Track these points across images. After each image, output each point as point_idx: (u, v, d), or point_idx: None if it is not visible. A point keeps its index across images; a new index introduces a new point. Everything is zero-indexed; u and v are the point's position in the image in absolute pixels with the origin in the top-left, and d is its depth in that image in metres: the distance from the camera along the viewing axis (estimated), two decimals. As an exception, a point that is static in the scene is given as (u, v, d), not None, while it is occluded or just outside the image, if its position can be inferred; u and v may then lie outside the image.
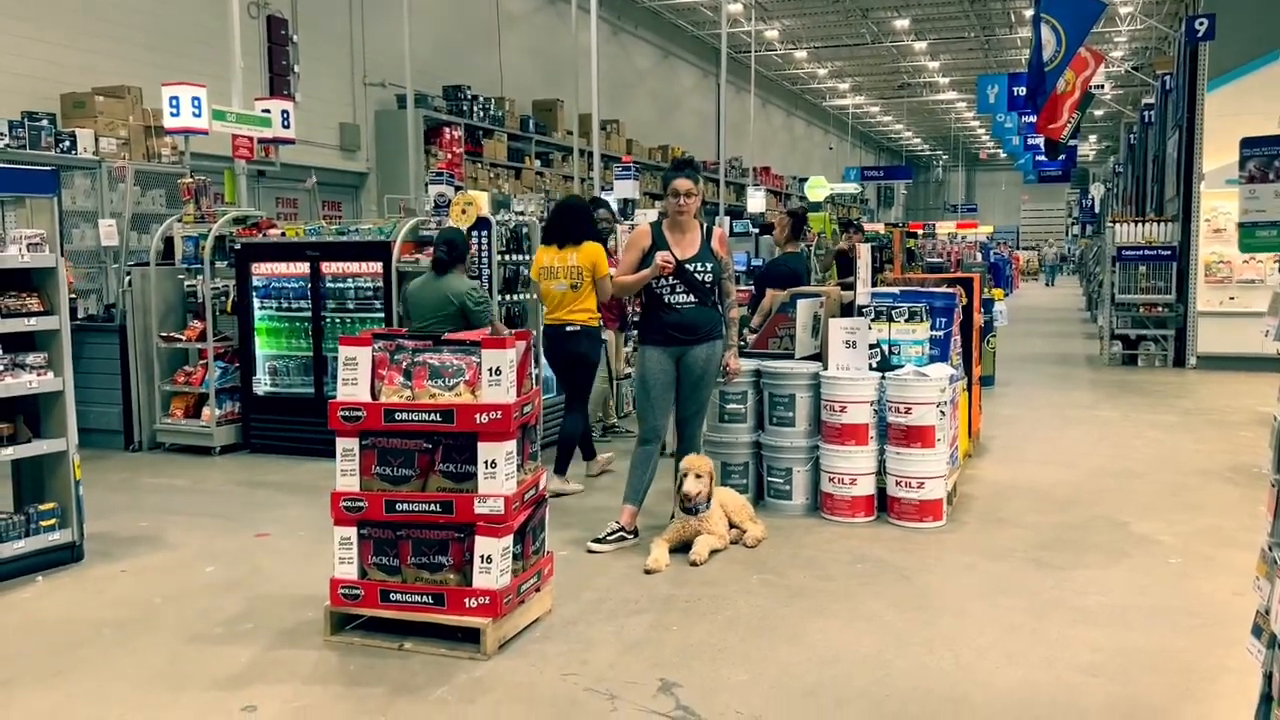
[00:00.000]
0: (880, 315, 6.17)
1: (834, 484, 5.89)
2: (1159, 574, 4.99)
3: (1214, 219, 12.32)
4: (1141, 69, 24.24)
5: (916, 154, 57.63)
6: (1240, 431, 8.49)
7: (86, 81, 10.64)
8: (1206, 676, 3.82)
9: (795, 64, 33.47)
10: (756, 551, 5.34)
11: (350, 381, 4.12)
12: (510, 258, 7.44)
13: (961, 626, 4.30)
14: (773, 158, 34.45)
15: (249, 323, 7.98)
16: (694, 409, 5.56)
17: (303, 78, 13.95)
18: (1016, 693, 3.68)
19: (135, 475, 7.37)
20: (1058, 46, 11.85)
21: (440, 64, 16.79)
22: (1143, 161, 18.78)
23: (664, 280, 5.29)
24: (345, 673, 3.91)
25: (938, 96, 39.53)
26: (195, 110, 8.62)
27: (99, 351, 8.14)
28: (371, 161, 16.01)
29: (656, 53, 26.83)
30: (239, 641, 4.21)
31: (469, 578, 4.03)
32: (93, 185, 9.88)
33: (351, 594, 4.13)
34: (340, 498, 4.10)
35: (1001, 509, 6.17)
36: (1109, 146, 43.55)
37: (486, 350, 4.06)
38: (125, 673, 3.94)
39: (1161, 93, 16.26)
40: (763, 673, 3.85)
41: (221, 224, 8.10)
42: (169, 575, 5.10)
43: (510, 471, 4.04)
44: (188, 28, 12.25)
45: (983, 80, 22.08)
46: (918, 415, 5.72)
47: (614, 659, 3.97)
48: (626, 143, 22.20)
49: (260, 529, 5.88)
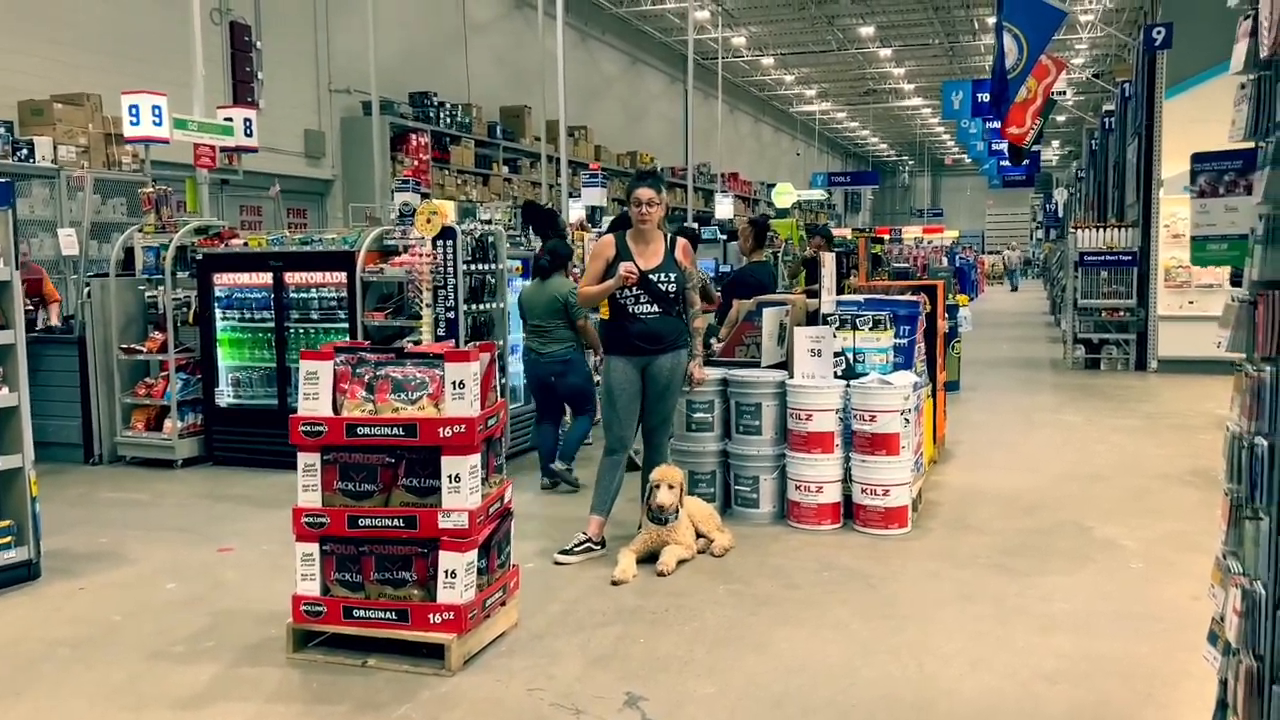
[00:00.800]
0: (845, 323, 6.20)
1: (800, 492, 5.91)
2: (1122, 579, 5.05)
3: (1173, 224, 12.50)
4: (1102, 76, 24.59)
5: (883, 159, 58.07)
6: (1200, 435, 8.61)
7: (45, 89, 10.49)
8: (1168, 682, 3.87)
9: (762, 70, 33.65)
10: (724, 561, 5.34)
11: (311, 396, 4.08)
12: (477, 266, 7.40)
13: (927, 634, 4.33)
14: (741, 164, 34.59)
15: (211, 334, 7.89)
16: (660, 419, 5.56)
17: (267, 85, 13.80)
18: (981, 700, 3.70)
19: (95, 489, 7.26)
20: (1020, 54, 11.96)
21: (407, 70, 16.72)
22: (1104, 167, 19.03)
23: (628, 291, 5.28)
24: (308, 690, 3.86)
25: (903, 102, 39.87)
26: (156, 119, 8.53)
27: (58, 364, 8.02)
28: (337, 169, 15.90)
29: (624, 59, 26.86)
30: (200, 659, 4.15)
31: (433, 593, 3.99)
32: (51, 194, 9.74)
33: (314, 611, 4.08)
34: (302, 513, 4.06)
35: (967, 515, 6.21)
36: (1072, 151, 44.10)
37: (450, 363, 4.03)
38: (83, 692, 3.87)
39: (1121, 100, 16.49)
40: (729, 684, 3.85)
41: (183, 234, 8.00)
42: (129, 592, 5.02)
43: (474, 485, 4.01)
44: (149, 35, 12.11)
45: (947, 86, 22.30)
46: (882, 423, 5.75)
47: (580, 672, 3.96)
48: (595, 149, 22.21)
49: (223, 543, 5.80)
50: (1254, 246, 2.52)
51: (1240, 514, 2.65)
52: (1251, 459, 2.51)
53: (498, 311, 7.65)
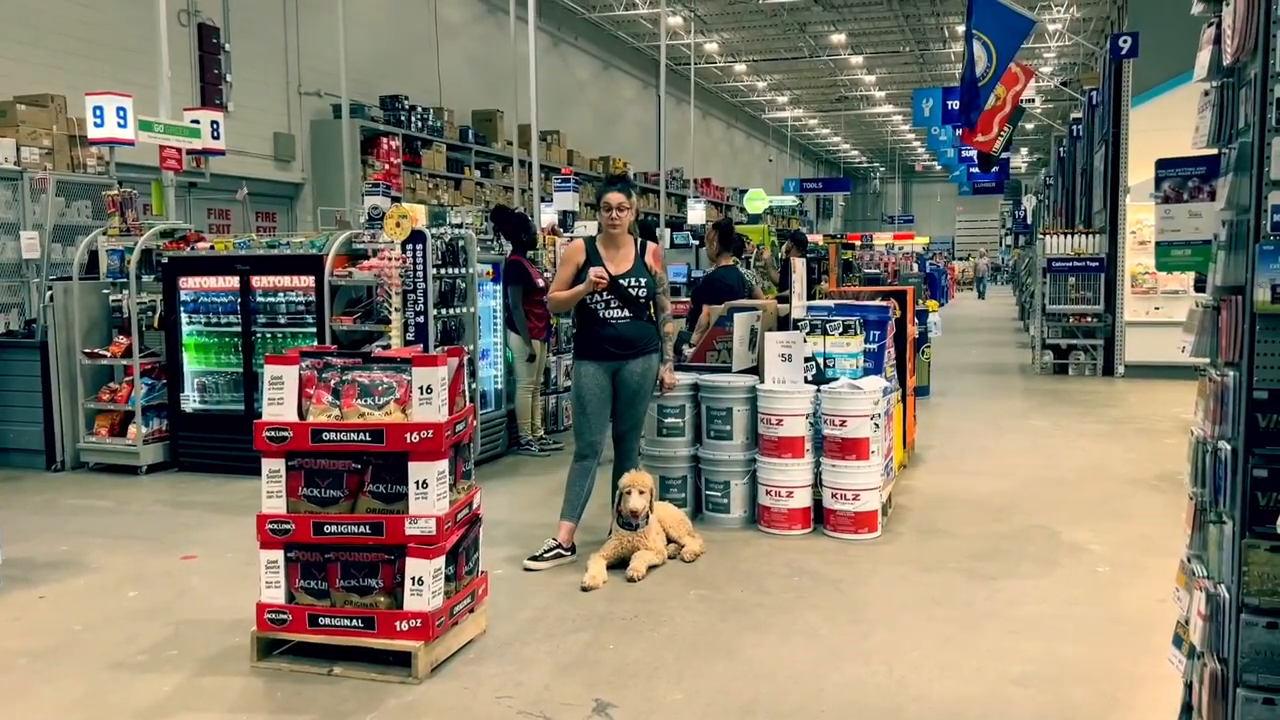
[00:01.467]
0: (815, 328, 6.21)
1: (771, 497, 5.91)
2: (1089, 583, 5.08)
3: (1139, 231, 12.65)
4: (1070, 84, 24.86)
5: (854, 166, 58.44)
6: (1166, 439, 8.70)
7: (8, 89, 10.32)
8: (1135, 685, 3.89)
9: (735, 76, 33.77)
10: (694, 566, 5.33)
11: (276, 401, 4.02)
12: (447, 270, 7.35)
13: (896, 639, 4.33)
14: (713, 169, 34.68)
15: (177, 338, 7.78)
16: (631, 423, 5.54)
17: (235, 87, 13.72)
18: (950, 704, 3.71)
19: (57, 496, 7.14)
20: (989, 62, 12.08)
21: (377, 73, 16.62)
22: (1072, 174, 19.23)
23: (598, 295, 5.27)
24: (273, 700, 3.80)
25: (874, 110, 40.15)
26: (120, 120, 8.42)
27: (19, 369, 7.89)
28: (307, 172, 15.78)
29: (597, 64, 26.86)
30: (163, 669, 4.08)
31: (400, 600, 3.95)
32: (14, 196, 9.57)
33: (279, 619, 4.03)
34: (266, 520, 4.01)
35: (936, 520, 6.24)
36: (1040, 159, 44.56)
37: (417, 368, 3.99)
38: (43, 704, 3.80)
39: (1089, 107, 16.68)
40: (699, 690, 3.83)
41: (148, 237, 7.90)
42: (90, 601, 4.94)
43: (442, 491, 3.98)
44: (115, 35, 11.96)
45: (918, 94, 22.46)
46: (852, 428, 5.76)
47: (549, 680, 3.93)
48: (567, 154, 22.18)
49: (187, 551, 5.72)
50: (1217, 252, 2.54)
51: (1204, 518, 2.67)
52: (1215, 463, 2.53)
53: (468, 316, 7.60)
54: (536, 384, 8.47)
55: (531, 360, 8.29)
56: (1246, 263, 2.37)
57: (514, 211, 9.02)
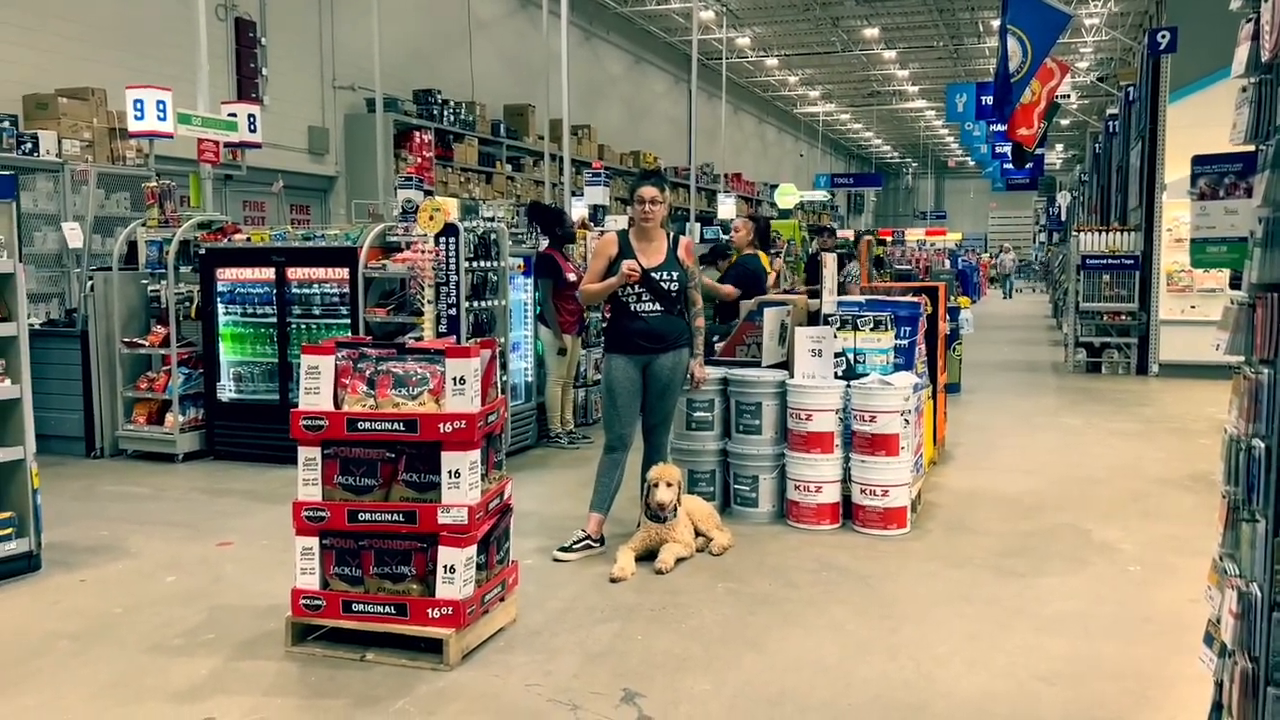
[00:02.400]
0: (846, 324, 6.21)
1: (800, 492, 5.92)
2: (1119, 582, 5.05)
3: (1175, 229, 12.49)
4: (1106, 80, 24.57)
5: (886, 161, 58.03)
6: (1200, 439, 8.61)
7: (49, 82, 10.50)
8: (1163, 684, 3.87)
9: (766, 71, 33.63)
10: (722, 559, 5.35)
11: (312, 390, 4.09)
12: (479, 264, 7.41)
13: (924, 635, 4.33)
14: (744, 164, 34.57)
15: (213, 328, 7.90)
16: (660, 417, 5.57)
17: (271, 80, 13.85)
18: (977, 701, 3.71)
19: (96, 482, 7.27)
20: (1024, 57, 11.97)
21: (410, 67, 16.72)
22: (1107, 171, 19.02)
23: (630, 289, 5.30)
24: (306, 684, 3.87)
25: (907, 105, 39.84)
26: (160, 114, 8.54)
27: (60, 357, 8.03)
28: (340, 165, 15.91)
29: (628, 58, 26.86)
30: (199, 652, 4.17)
31: (432, 588, 4.01)
32: (55, 188, 9.76)
33: (313, 605, 4.09)
34: (302, 507, 4.07)
35: (966, 517, 6.22)
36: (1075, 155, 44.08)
37: (451, 359, 4.04)
38: (81, 685, 3.88)
39: (1125, 103, 16.48)
40: (726, 682, 3.86)
41: (186, 228, 8.02)
42: (129, 585, 5.04)
43: (474, 481, 4.03)
44: (154, 29, 12.11)
45: (951, 89, 22.28)
46: (882, 423, 5.76)
47: (578, 669, 3.97)
48: (598, 148, 22.20)
49: (223, 538, 5.82)
50: (1253, 249, 2.52)
51: (1238, 516, 2.66)
52: (1249, 461, 2.52)
53: (499, 309, 7.65)
54: (567, 378, 8.52)
55: (562, 354, 8.34)
56: (1283, 260, 2.37)
57: (550, 207, 9.09)
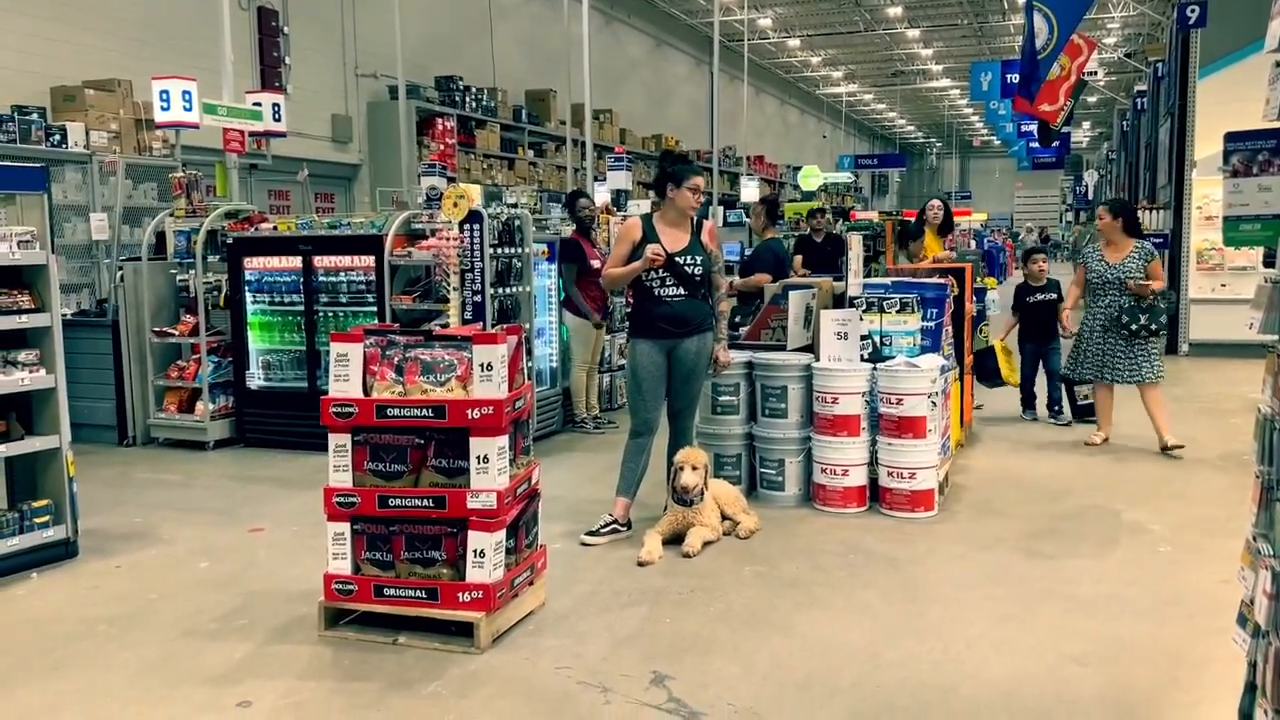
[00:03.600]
0: (872, 306, 6.19)
1: (826, 475, 5.92)
2: (1149, 563, 5.02)
3: (1205, 206, 12.34)
4: (1134, 56, 24.25)
5: (910, 141, 57.58)
6: (1231, 419, 8.52)
7: (76, 75, 10.60)
8: (1194, 665, 3.86)
9: (788, 52, 33.41)
10: (749, 543, 5.36)
11: (342, 378, 4.12)
12: (503, 250, 7.43)
13: (952, 617, 4.33)
14: (766, 146, 34.41)
15: (242, 317, 7.97)
16: (686, 401, 5.58)
17: (294, 69, 13.89)
18: (1006, 683, 3.71)
19: (129, 470, 7.37)
20: (1050, 34, 11.83)
21: (432, 54, 16.74)
22: (1135, 148, 18.81)
23: (654, 273, 5.30)
24: (339, 667, 3.92)
25: (931, 84, 39.48)
26: (186, 104, 8.60)
27: (91, 346, 8.13)
28: (364, 153, 15.97)
29: (649, 42, 26.76)
30: (233, 637, 4.23)
31: (462, 572, 4.04)
32: (84, 179, 9.87)
33: (345, 589, 4.14)
34: (333, 493, 4.12)
35: (993, 499, 6.20)
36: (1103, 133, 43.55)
37: (478, 346, 4.07)
38: (120, 668, 3.96)
39: (1154, 80, 16.28)
40: (755, 664, 3.88)
41: (213, 218, 8.08)
42: (163, 571, 5.11)
43: (503, 466, 4.05)
44: (178, 20, 12.19)
45: (976, 68, 22.09)
46: (909, 406, 5.74)
47: (607, 652, 4.00)
48: (620, 132, 22.16)
49: (254, 524, 5.89)
50: (1286, 227, 2.50)
51: (1271, 496, 2.64)
52: (1282, 441, 2.50)
53: (524, 295, 7.68)
54: (592, 363, 8.54)
55: (595, 330, 8.34)
56: (1317, 238, 2.34)
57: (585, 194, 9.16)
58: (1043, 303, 8.44)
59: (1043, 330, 8.41)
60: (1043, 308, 8.42)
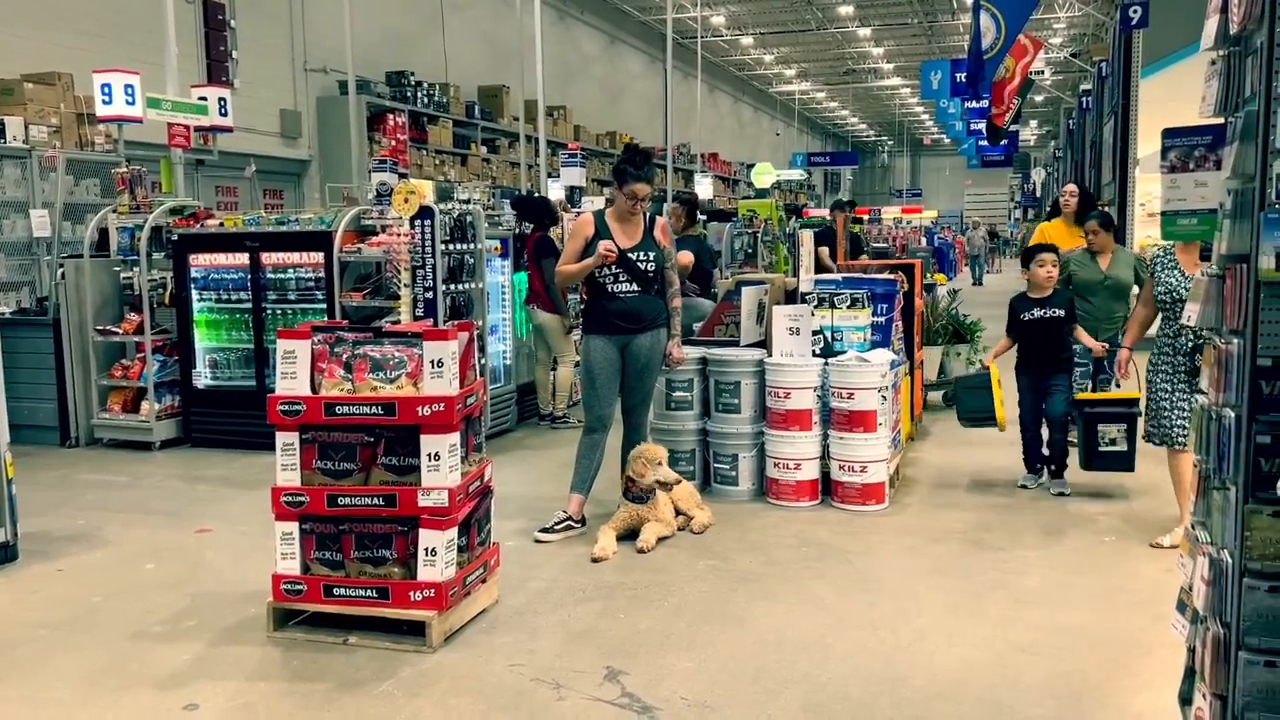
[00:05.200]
0: (823, 302, 6.23)
1: (779, 469, 5.95)
2: (1095, 553, 5.12)
3: (1148, 203, 12.61)
4: (1079, 55, 24.66)
5: (862, 140, 58.13)
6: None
7: (15, 68, 10.33)
8: (1140, 651, 3.93)
9: (742, 50, 33.56)
10: (704, 538, 5.38)
11: (289, 375, 4.07)
12: (455, 246, 7.38)
13: (903, 608, 4.38)
14: (720, 144, 34.53)
15: (188, 315, 7.83)
16: (640, 397, 5.58)
17: (241, 64, 13.66)
18: (957, 672, 3.76)
19: (72, 471, 7.21)
20: (997, 34, 12.01)
21: (383, 49, 16.57)
22: (1081, 146, 19.15)
23: (607, 270, 5.29)
24: (289, 668, 3.87)
25: (882, 82, 39.88)
26: (129, 98, 8.43)
27: (32, 346, 7.93)
28: (314, 149, 15.78)
29: (603, 38, 26.73)
30: (181, 639, 4.15)
31: (413, 571, 4.01)
32: (23, 174, 9.61)
33: (294, 589, 4.09)
34: (281, 493, 4.06)
35: (943, 491, 6.28)
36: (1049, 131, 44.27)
37: (428, 342, 4.03)
38: (64, 674, 3.87)
39: (1098, 79, 16.59)
40: (709, 658, 3.89)
41: (158, 214, 7.93)
42: (108, 573, 5.01)
43: (454, 464, 4.02)
44: (121, 12, 11.94)
45: (926, 66, 22.32)
46: (860, 400, 5.79)
47: (560, 648, 3.99)
48: (574, 129, 22.11)
49: (202, 524, 5.79)
50: (1223, 221, 2.55)
51: (1209, 485, 2.69)
52: (1219, 430, 2.55)
53: (476, 291, 7.63)
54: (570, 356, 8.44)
55: (569, 332, 8.28)
56: (1251, 231, 2.39)
57: (535, 197, 9.09)
58: (1046, 320, 6.23)
59: (1047, 359, 6.25)
60: (1046, 328, 6.23)
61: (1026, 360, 6.36)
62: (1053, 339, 6.23)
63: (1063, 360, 6.27)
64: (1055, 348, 6.25)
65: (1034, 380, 6.31)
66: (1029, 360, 6.34)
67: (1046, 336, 6.23)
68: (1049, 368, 6.24)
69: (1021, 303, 6.33)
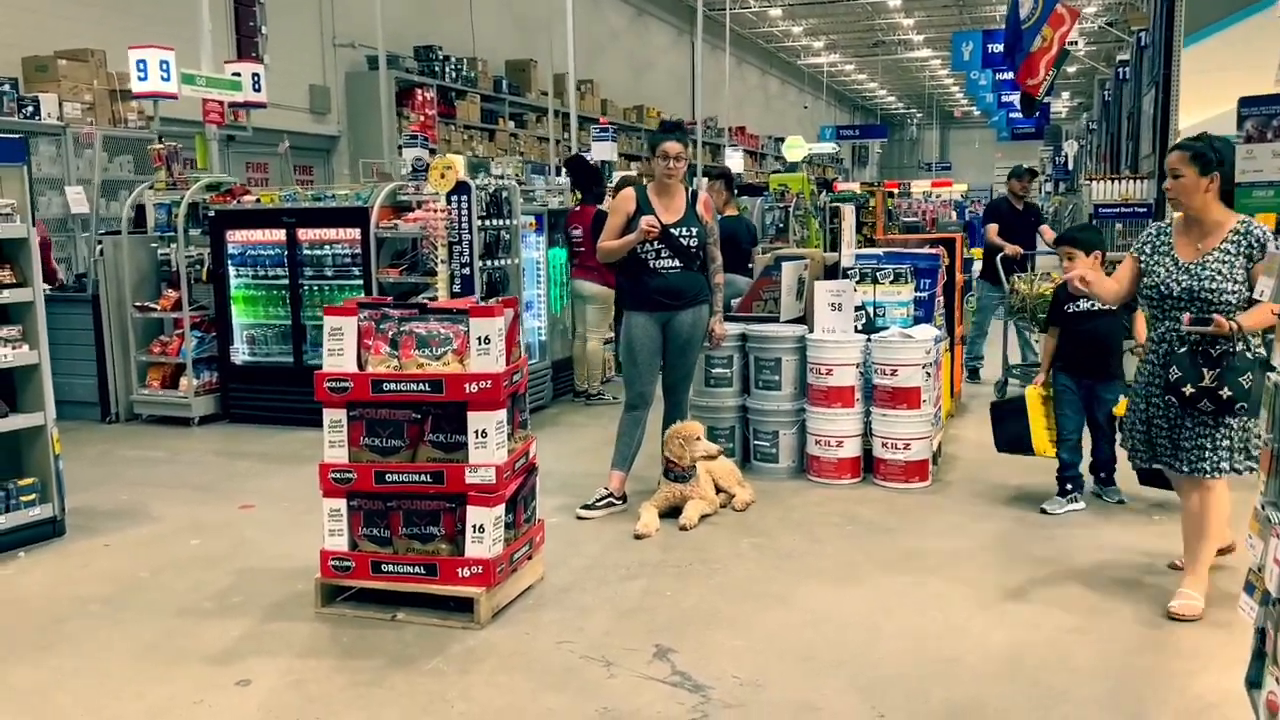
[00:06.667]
0: (865, 277, 6.16)
1: (820, 446, 5.90)
2: (1146, 530, 5.04)
3: (1190, 176, 12.35)
4: (1116, 25, 24.21)
5: (891, 112, 57.42)
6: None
7: (48, 44, 10.35)
8: (1196, 632, 3.87)
9: (770, 22, 33.16)
10: (745, 515, 5.35)
11: (336, 352, 4.05)
12: (490, 222, 7.34)
13: (951, 587, 4.33)
14: (748, 117, 34.21)
15: (225, 291, 7.85)
16: (681, 374, 5.54)
17: (270, 39, 13.64)
18: (1009, 652, 3.71)
19: (114, 447, 7.27)
20: (1035, 3, 11.79)
21: (411, 24, 16.48)
22: (1117, 118, 18.79)
23: (649, 245, 5.23)
24: (339, 645, 3.88)
25: (912, 54, 39.31)
26: (164, 74, 8.42)
27: (71, 322, 7.98)
28: (343, 124, 15.75)
29: (630, 11, 26.48)
30: (229, 615, 4.18)
31: (461, 547, 4.00)
32: (58, 151, 9.66)
33: (342, 566, 4.10)
34: (329, 469, 4.06)
35: (987, 468, 6.20)
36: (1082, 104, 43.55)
37: (475, 319, 4.01)
38: (115, 648, 3.90)
39: (1137, 48, 16.25)
40: (757, 637, 3.87)
41: (194, 191, 7.94)
42: (153, 549, 5.04)
43: (501, 441, 4.01)
44: (151, -12, 11.92)
45: (957, 38, 21.99)
46: (903, 377, 5.72)
47: (608, 626, 3.97)
48: (601, 103, 21.96)
49: (244, 500, 5.82)
50: (1303, 193, 2.47)
51: (1281, 465, 2.62)
52: (1296, 409, 2.48)
53: (512, 268, 7.60)
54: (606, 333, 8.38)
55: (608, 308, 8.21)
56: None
57: (590, 164, 9.00)
58: (1094, 314, 5.22)
59: (1096, 359, 5.28)
60: (1094, 322, 5.25)
61: (1068, 360, 5.33)
62: (1101, 335, 5.26)
63: (1113, 363, 5.31)
64: (1103, 348, 5.28)
65: (1078, 382, 5.31)
66: (1073, 362, 5.31)
67: (1094, 334, 5.25)
68: (1096, 372, 5.27)
69: (1065, 295, 5.26)
